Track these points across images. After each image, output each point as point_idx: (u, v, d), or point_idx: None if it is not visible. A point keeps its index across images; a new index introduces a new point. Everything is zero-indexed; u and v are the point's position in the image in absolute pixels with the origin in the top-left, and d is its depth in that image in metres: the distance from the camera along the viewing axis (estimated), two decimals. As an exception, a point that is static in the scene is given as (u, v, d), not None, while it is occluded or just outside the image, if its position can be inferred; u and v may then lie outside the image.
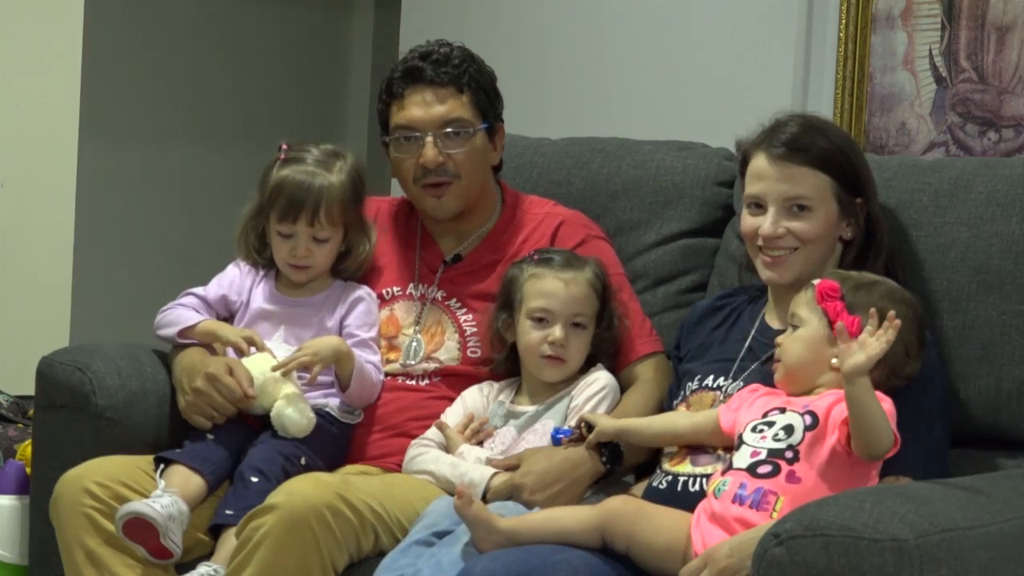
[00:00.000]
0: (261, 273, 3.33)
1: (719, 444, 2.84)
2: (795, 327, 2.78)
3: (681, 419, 2.94)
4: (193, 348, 3.26)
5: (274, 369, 3.14)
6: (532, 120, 3.95)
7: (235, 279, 3.34)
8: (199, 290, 3.33)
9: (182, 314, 3.28)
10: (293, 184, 3.22)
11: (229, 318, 3.33)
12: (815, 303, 2.76)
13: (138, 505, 2.96)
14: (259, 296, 3.31)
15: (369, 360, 3.23)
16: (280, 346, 3.22)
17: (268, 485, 3.00)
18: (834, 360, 2.73)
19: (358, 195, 3.28)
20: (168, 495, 2.99)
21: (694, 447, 2.91)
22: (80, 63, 4.50)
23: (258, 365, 3.16)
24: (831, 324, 2.73)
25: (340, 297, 3.29)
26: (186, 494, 3.03)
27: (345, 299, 3.28)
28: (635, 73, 4.42)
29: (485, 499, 2.98)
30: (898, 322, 2.59)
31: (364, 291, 3.30)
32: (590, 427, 2.98)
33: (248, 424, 3.19)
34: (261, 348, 3.19)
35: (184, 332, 3.26)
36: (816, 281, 2.79)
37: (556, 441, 3.02)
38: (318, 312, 3.28)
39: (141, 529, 2.96)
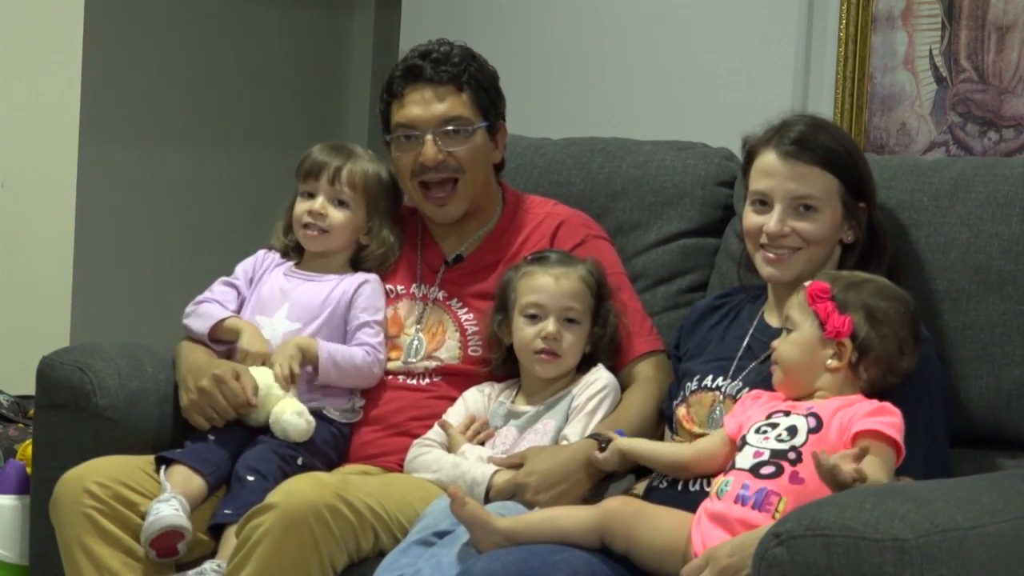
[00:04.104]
0: (280, 258, 3.35)
1: (724, 466, 2.82)
2: (789, 330, 2.79)
3: (685, 449, 2.93)
4: (200, 348, 3.27)
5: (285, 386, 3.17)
6: (532, 120, 3.95)
7: (258, 257, 3.38)
8: (230, 279, 3.37)
9: (211, 310, 3.30)
10: (325, 149, 3.33)
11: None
12: (807, 305, 2.76)
13: (170, 518, 2.97)
14: (274, 275, 3.32)
15: (365, 342, 3.24)
16: (283, 322, 3.24)
17: (265, 483, 3.01)
18: (829, 361, 2.73)
19: (385, 185, 3.33)
20: (175, 497, 3.00)
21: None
22: (80, 63, 4.50)
23: (261, 376, 3.17)
24: (822, 325, 2.73)
25: (349, 284, 3.29)
26: (187, 494, 3.04)
27: (352, 285, 3.29)
28: (635, 73, 4.42)
29: (488, 497, 2.99)
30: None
31: (371, 276, 3.31)
32: (606, 442, 2.96)
33: (247, 428, 3.19)
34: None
35: (214, 330, 3.27)
36: (807, 283, 2.79)
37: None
38: (326, 294, 3.27)
39: (166, 538, 2.98)
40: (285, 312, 3.27)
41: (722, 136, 3.43)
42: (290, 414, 3.13)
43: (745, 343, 3.00)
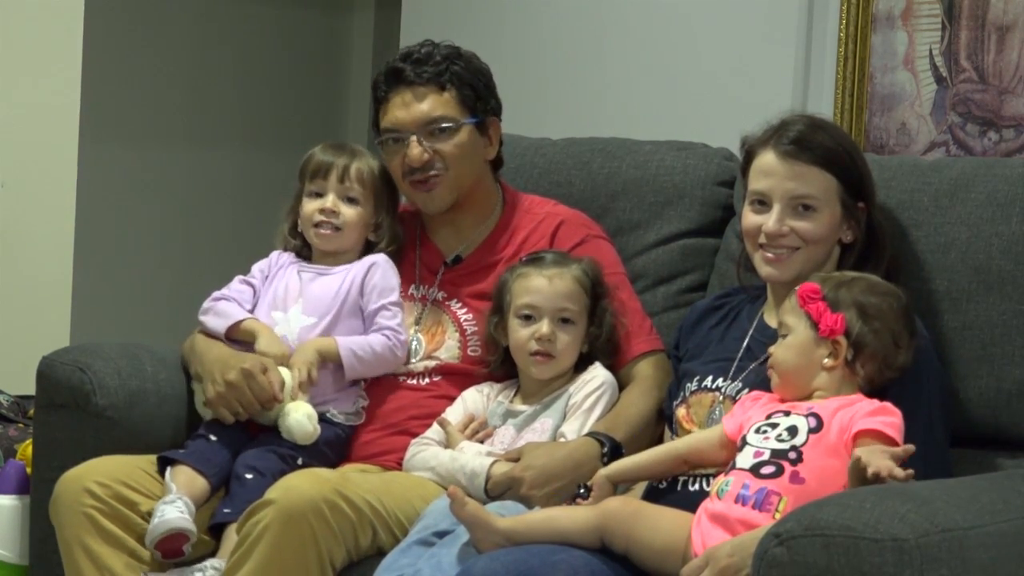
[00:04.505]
0: (294, 257, 3.35)
1: (720, 460, 2.82)
2: (784, 336, 2.80)
3: (679, 442, 2.94)
4: (220, 343, 3.27)
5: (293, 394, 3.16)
6: (532, 120, 3.95)
7: (272, 256, 3.37)
8: (248, 278, 3.36)
9: (229, 309, 3.29)
10: (328, 149, 3.33)
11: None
12: (799, 308, 2.77)
13: (175, 520, 2.97)
14: (287, 272, 3.32)
15: (384, 325, 3.24)
16: (298, 317, 3.25)
17: (264, 480, 3.01)
18: (825, 360, 2.74)
19: (387, 181, 3.33)
20: (180, 499, 3.00)
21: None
22: (80, 64, 4.50)
23: (284, 372, 3.17)
24: (815, 326, 2.74)
25: (358, 270, 3.29)
26: (191, 495, 3.04)
27: (360, 271, 3.29)
28: (635, 73, 4.42)
29: (486, 488, 2.99)
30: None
31: (379, 257, 3.31)
32: (589, 488, 2.93)
33: (247, 427, 3.19)
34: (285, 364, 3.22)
35: (231, 330, 3.26)
36: (797, 288, 2.80)
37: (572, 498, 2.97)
38: (337, 286, 3.27)
39: (171, 540, 2.98)
40: (300, 308, 3.27)
41: (722, 136, 3.43)
42: (301, 415, 3.13)
43: (745, 344, 3.00)
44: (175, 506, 2.99)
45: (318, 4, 5.52)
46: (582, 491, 2.90)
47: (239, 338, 3.27)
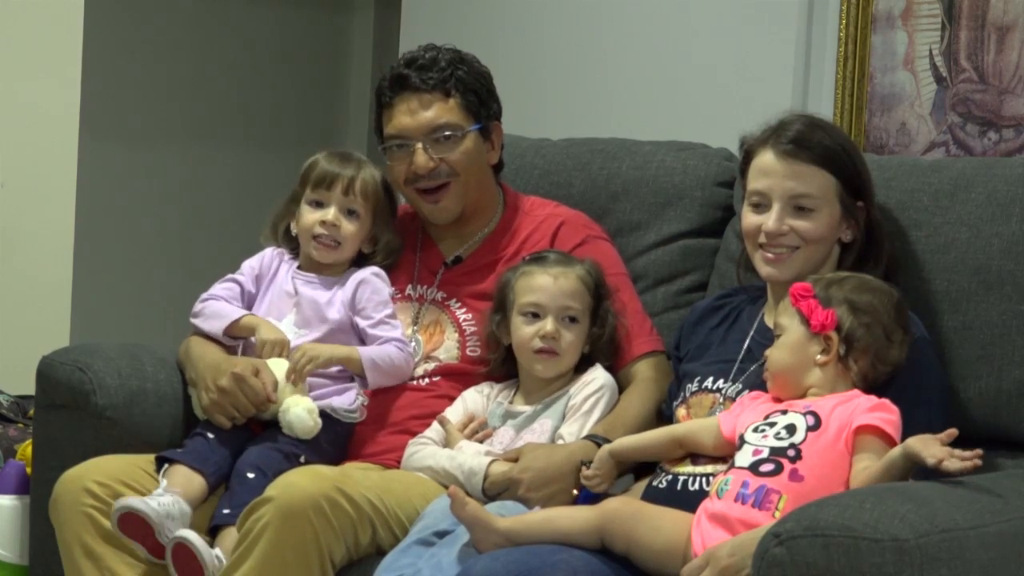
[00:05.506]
0: (288, 256, 3.35)
1: (715, 450, 2.83)
2: (779, 337, 2.81)
3: (678, 426, 2.94)
4: (212, 344, 3.26)
5: (287, 378, 3.15)
6: (532, 121, 3.95)
7: (266, 255, 3.36)
8: (235, 275, 3.35)
9: (222, 308, 3.28)
10: (333, 158, 3.30)
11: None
12: (791, 307, 2.79)
13: (133, 501, 2.97)
14: (282, 275, 3.32)
15: (390, 337, 3.24)
16: (290, 329, 3.25)
17: (265, 480, 3.00)
18: (818, 356, 2.74)
19: (388, 191, 3.33)
20: (169, 494, 3.00)
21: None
22: (80, 63, 4.50)
23: (277, 369, 3.17)
24: (807, 322, 2.75)
25: (349, 285, 3.29)
26: (187, 494, 3.03)
27: (351, 287, 3.28)
28: (635, 73, 4.42)
29: (484, 488, 2.99)
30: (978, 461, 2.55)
31: (369, 272, 3.31)
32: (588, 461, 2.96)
33: (249, 427, 3.19)
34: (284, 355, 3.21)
35: (229, 329, 3.26)
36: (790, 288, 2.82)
37: (586, 499, 2.99)
38: (327, 299, 3.27)
39: (137, 526, 2.96)
40: (292, 319, 3.27)
41: (722, 136, 3.43)
42: (301, 409, 3.13)
43: (746, 346, 3.00)
44: (148, 496, 2.97)
45: (318, 4, 5.52)
46: (583, 462, 2.91)
47: (240, 335, 3.26)
